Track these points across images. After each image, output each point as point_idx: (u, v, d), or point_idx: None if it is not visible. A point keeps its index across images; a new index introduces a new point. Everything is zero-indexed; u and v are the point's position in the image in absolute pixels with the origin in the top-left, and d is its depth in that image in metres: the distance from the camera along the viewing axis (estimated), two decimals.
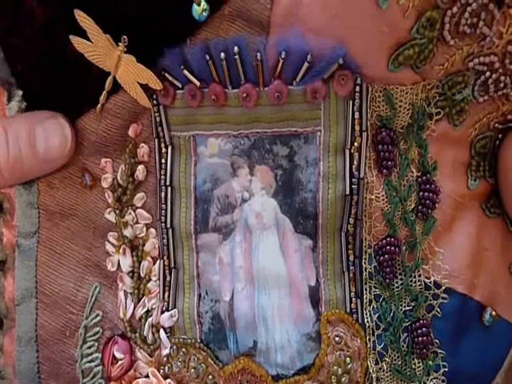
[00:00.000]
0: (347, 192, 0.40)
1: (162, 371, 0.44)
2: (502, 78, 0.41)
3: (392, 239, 0.42)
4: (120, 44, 0.39)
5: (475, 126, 0.43)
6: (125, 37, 0.39)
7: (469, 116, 0.42)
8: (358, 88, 0.39)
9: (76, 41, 0.40)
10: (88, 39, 0.40)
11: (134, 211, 0.44)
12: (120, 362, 0.45)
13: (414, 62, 0.39)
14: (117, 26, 0.39)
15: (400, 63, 0.38)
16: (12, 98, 0.44)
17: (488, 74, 0.41)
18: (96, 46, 0.40)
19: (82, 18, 0.39)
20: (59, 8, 0.40)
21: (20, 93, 0.43)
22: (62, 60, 0.41)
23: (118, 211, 0.44)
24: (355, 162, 0.40)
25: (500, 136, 0.44)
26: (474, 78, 0.41)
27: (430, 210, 0.42)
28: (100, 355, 0.45)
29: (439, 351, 0.44)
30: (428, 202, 0.42)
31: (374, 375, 0.43)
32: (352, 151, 0.40)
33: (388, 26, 0.37)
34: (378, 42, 0.37)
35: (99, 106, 0.42)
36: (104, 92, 0.41)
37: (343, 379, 0.43)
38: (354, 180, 0.40)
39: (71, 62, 0.41)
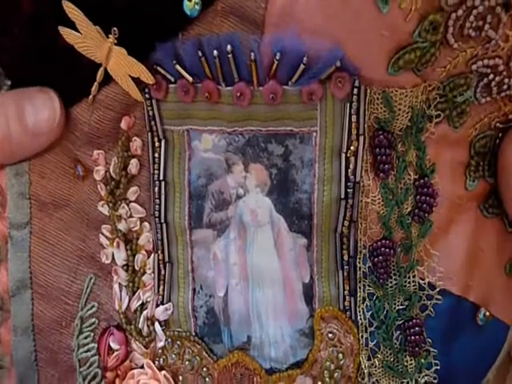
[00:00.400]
0: (342, 196, 0.40)
1: (157, 363, 0.45)
2: (506, 80, 0.39)
3: (387, 241, 0.41)
4: (110, 36, 0.38)
5: (476, 127, 0.41)
6: (115, 29, 0.38)
7: (469, 117, 0.41)
8: (355, 90, 0.37)
9: (65, 32, 0.39)
10: (77, 30, 0.38)
11: (128, 205, 0.44)
12: (116, 353, 0.45)
13: (416, 65, 0.37)
14: (106, 17, 0.38)
15: (400, 67, 0.37)
16: (1, 88, 0.43)
17: (492, 76, 0.39)
18: (86, 37, 0.39)
19: (70, 9, 0.38)
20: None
21: (8, 82, 0.42)
22: (51, 52, 0.40)
23: (111, 204, 0.44)
24: (351, 166, 0.39)
25: (500, 135, 0.42)
26: (476, 80, 0.39)
27: (426, 214, 0.41)
28: (96, 345, 0.46)
29: (432, 350, 0.44)
30: (425, 205, 0.41)
31: (366, 371, 0.43)
32: (348, 155, 0.39)
33: (388, 30, 0.35)
34: (378, 44, 0.36)
35: (91, 97, 0.41)
36: (95, 83, 0.40)
37: (336, 374, 0.43)
38: (349, 184, 0.39)
39: (61, 54, 0.40)
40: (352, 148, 0.39)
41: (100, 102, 0.41)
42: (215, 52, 0.37)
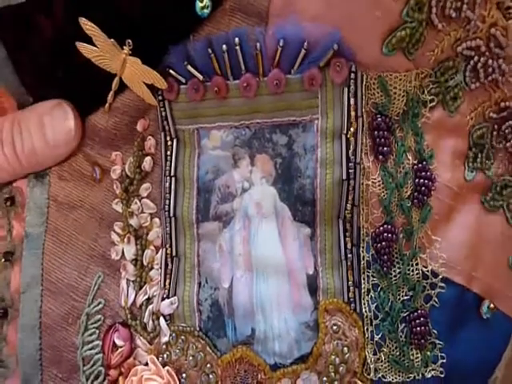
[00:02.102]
0: (344, 177, 0.41)
1: (160, 359, 0.44)
2: (490, 61, 0.42)
3: (389, 226, 0.42)
4: (125, 47, 0.41)
5: (471, 115, 0.43)
6: (129, 40, 0.41)
7: (463, 103, 0.43)
8: (352, 75, 0.40)
9: (82, 47, 0.41)
10: (94, 45, 0.41)
11: (140, 201, 0.45)
12: (120, 350, 0.45)
13: (407, 45, 0.40)
14: (122, 30, 0.40)
15: (393, 46, 0.39)
16: (22, 106, 0.45)
17: (476, 58, 0.42)
18: (102, 50, 0.41)
19: (87, 25, 0.40)
20: (65, 19, 0.41)
21: (31, 99, 0.45)
22: (70, 69, 0.43)
23: (124, 201, 0.45)
24: (351, 147, 0.41)
25: (496, 127, 0.44)
26: (463, 64, 0.42)
27: (425, 197, 0.42)
28: (100, 343, 0.45)
29: (437, 342, 0.43)
30: (424, 188, 0.42)
31: (372, 366, 0.42)
32: (348, 136, 0.41)
33: (380, 10, 0.38)
34: (372, 26, 0.38)
35: (107, 105, 0.43)
36: (111, 92, 0.43)
37: (341, 369, 0.42)
38: (350, 164, 0.41)
39: (79, 69, 0.42)
40: (352, 129, 0.41)
41: (116, 109, 0.43)
42: (224, 47, 0.40)
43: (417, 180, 0.42)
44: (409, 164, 0.42)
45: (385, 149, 0.41)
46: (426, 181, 0.42)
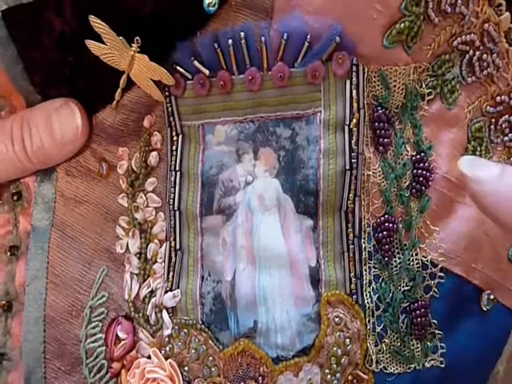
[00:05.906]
0: (347, 167, 0.41)
1: (163, 352, 0.43)
2: (485, 56, 0.42)
3: (389, 217, 0.41)
4: (133, 45, 0.41)
5: (469, 109, 0.43)
6: (138, 38, 0.41)
7: (460, 95, 0.43)
8: (354, 68, 0.40)
9: (91, 44, 0.41)
10: (103, 42, 0.41)
11: (145, 195, 0.45)
12: (122, 343, 0.44)
13: (406, 38, 0.40)
14: (130, 27, 0.40)
15: (393, 38, 0.40)
16: (31, 104, 0.45)
17: (471, 52, 0.42)
18: (110, 48, 0.41)
19: (96, 23, 0.40)
20: (75, 16, 0.41)
21: (39, 97, 0.45)
22: (78, 65, 0.43)
23: (130, 195, 0.45)
24: (354, 138, 0.41)
25: (493, 121, 0.44)
26: (459, 58, 0.42)
27: (423, 188, 0.42)
28: (103, 336, 0.44)
29: (437, 332, 0.42)
30: (421, 179, 0.42)
31: (373, 357, 0.41)
32: (351, 127, 0.41)
33: (381, 4, 0.39)
34: (373, 20, 0.39)
35: (115, 102, 0.43)
36: (119, 89, 0.42)
37: (343, 360, 0.41)
38: (353, 154, 0.41)
39: (87, 66, 0.42)
40: (354, 121, 0.41)
41: (124, 106, 0.43)
42: (230, 41, 0.40)
43: (415, 171, 0.42)
44: (407, 155, 0.42)
45: (385, 140, 0.41)
46: (424, 172, 0.42)
